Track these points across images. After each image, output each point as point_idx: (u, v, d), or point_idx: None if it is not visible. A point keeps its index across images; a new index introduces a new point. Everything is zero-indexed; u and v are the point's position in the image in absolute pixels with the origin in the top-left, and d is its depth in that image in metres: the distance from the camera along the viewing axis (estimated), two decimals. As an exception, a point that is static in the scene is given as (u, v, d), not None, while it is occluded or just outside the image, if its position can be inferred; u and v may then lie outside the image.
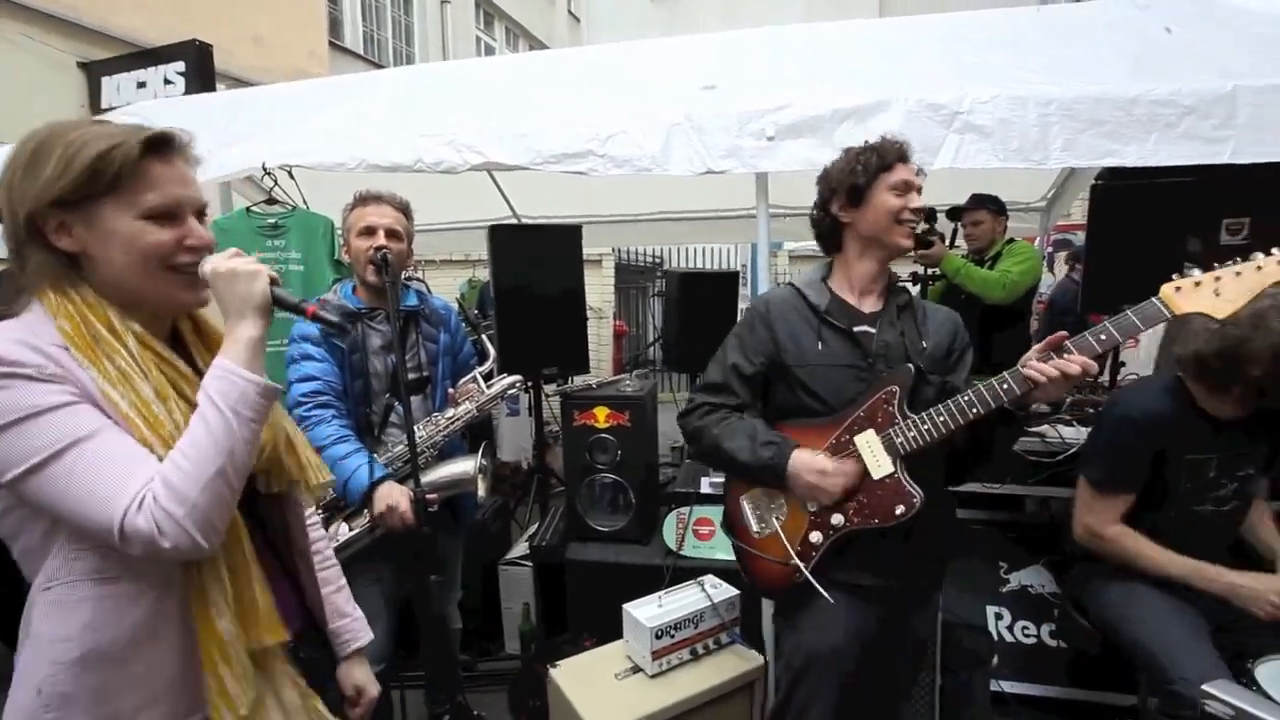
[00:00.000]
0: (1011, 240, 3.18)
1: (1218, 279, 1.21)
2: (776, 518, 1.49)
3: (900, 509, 1.36)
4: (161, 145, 0.86)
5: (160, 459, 0.80)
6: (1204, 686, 1.19)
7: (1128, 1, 2.21)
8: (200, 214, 0.92)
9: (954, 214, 3.26)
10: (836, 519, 1.42)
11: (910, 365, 1.41)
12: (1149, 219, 2.53)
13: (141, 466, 0.79)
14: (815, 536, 1.43)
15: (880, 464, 1.38)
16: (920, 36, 2.37)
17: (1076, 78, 1.87)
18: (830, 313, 1.47)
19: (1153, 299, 1.25)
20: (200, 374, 0.89)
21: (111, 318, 0.85)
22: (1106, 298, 2.63)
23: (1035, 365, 1.26)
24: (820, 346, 1.45)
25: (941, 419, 1.35)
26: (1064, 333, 1.28)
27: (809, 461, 1.39)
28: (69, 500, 0.77)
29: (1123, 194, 2.65)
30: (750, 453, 1.43)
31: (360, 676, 1.18)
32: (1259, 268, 1.19)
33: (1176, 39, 2.02)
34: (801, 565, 1.43)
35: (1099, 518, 1.68)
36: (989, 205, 3.15)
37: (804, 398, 1.47)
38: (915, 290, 3.48)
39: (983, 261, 3.12)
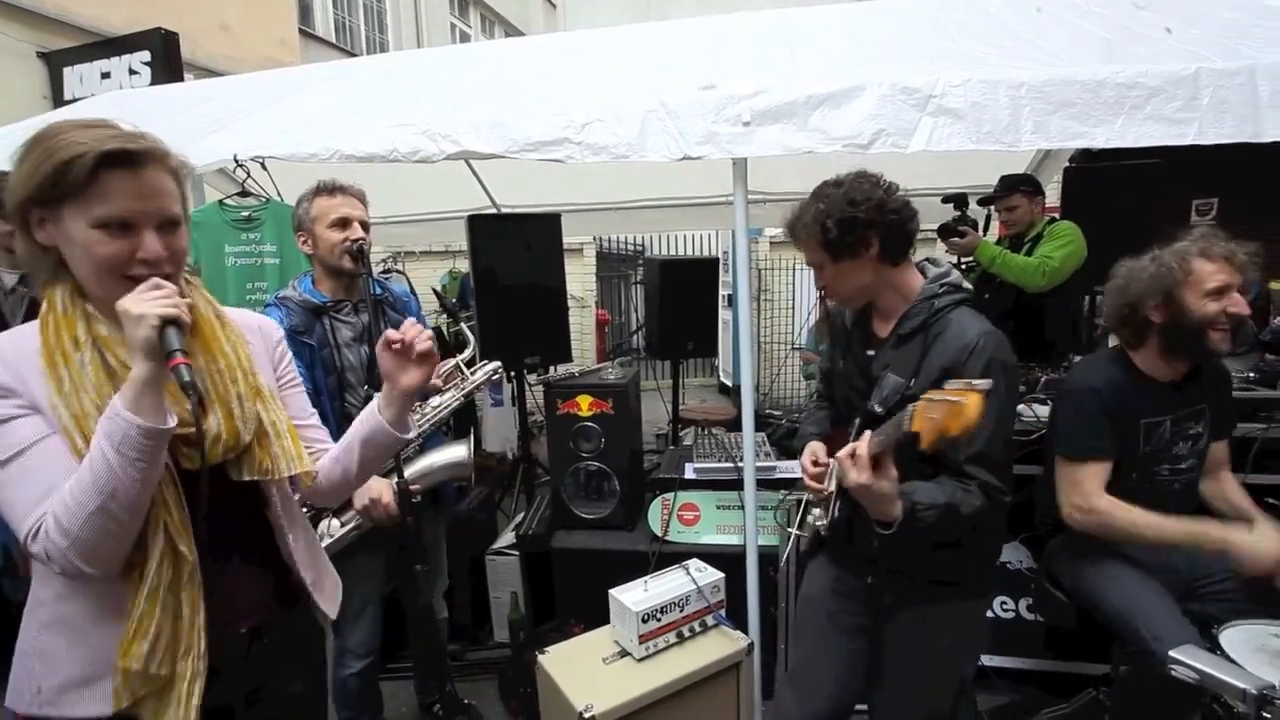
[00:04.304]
0: (1053, 220, 2.90)
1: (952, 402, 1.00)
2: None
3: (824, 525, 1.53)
4: (121, 158, 0.85)
5: None
6: (1170, 652, 1.23)
7: None
8: (168, 224, 0.90)
9: (986, 201, 3.06)
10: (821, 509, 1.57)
11: (866, 408, 1.44)
12: (1120, 200, 2.59)
13: (48, 494, 0.85)
14: (815, 512, 1.61)
15: (832, 483, 1.49)
16: (893, 21, 2.38)
17: (1047, 60, 1.89)
18: (852, 333, 1.59)
19: (910, 408, 1.10)
20: None
21: (78, 329, 0.90)
22: (1080, 279, 2.70)
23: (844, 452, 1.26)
24: (841, 364, 1.61)
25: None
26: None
27: (806, 453, 1.58)
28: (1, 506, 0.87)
29: (1094, 176, 2.70)
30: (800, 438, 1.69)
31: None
32: (951, 402, 0.98)
33: (1147, 23, 2.04)
34: (795, 530, 1.76)
35: (1083, 491, 1.65)
36: (1022, 187, 2.90)
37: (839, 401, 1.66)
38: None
39: (1021, 245, 2.89)
